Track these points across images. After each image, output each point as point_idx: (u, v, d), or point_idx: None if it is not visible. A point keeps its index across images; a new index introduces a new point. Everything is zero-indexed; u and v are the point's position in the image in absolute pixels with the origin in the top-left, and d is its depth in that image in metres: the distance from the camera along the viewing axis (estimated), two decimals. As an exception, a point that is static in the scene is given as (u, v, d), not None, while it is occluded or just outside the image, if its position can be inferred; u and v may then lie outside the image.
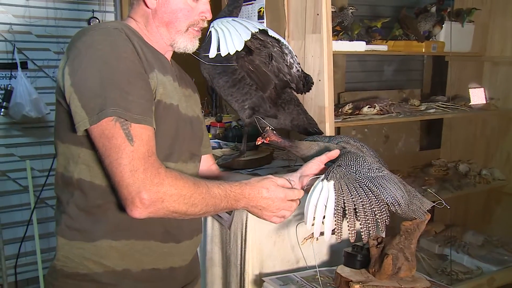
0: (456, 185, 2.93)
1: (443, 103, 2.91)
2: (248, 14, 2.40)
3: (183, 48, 1.29)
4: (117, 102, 1.04)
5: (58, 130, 1.20)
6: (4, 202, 2.81)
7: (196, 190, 1.10)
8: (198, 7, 1.26)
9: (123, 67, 1.08)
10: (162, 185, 1.04)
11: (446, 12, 2.96)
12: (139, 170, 1.03)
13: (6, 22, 2.69)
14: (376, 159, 1.39)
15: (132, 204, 1.03)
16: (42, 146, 2.91)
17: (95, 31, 1.13)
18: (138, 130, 1.05)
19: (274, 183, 1.23)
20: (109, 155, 1.04)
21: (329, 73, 2.03)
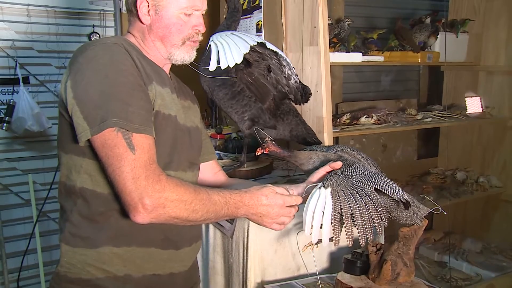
0: (453, 193, 2.96)
1: (439, 112, 2.95)
2: (246, 27, 2.44)
3: (180, 60, 1.34)
4: (118, 113, 1.08)
5: (61, 141, 1.24)
6: (6, 216, 2.83)
7: (196, 196, 1.14)
8: (191, 21, 1.31)
9: (123, 80, 1.13)
10: (163, 191, 1.08)
11: (441, 23, 3.01)
12: (141, 177, 1.07)
13: (9, 39, 2.74)
14: (373, 167, 1.43)
15: (135, 210, 1.07)
16: (44, 160, 2.94)
17: (95, 46, 1.17)
18: (139, 139, 1.09)
19: (273, 191, 1.27)
20: (111, 164, 1.08)
21: (326, 84, 2.07)
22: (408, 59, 2.83)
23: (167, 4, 1.27)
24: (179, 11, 1.28)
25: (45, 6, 2.81)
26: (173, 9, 1.27)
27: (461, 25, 3.03)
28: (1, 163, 2.81)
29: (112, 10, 2.99)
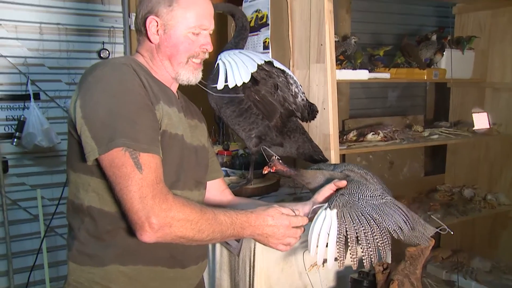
0: (461, 210, 2.95)
1: (446, 129, 2.95)
2: (253, 44, 2.47)
3: (186, 80, 1.35)
4: (125, 132, 1.09)
5: (69, 159, 1.26)
6: (14, 231, 2.84)
7: (202, 216, 1.14)
8: (199, 40, 1.33)
9: (131, 99, 1.14)
10: (170, 210, 1.09)
11: (447, 40, 3.02)
12: (148, 197, 1.07)
13: (22, 56, 2.78)
14: (380, 185, 1.43)
15: (141, 229, 1.08)
16: (53, 175, 2.96)
17: (105, 66, 1.20)
18: (146, 159, 1.10)
19: (279, 212, 1.27)
20: (119, 183, 1.09)
21: (333, 102, 2.08)
22: (415, 76, 2.84)
23: (175, 23, 1.29)
24: (187, 31, 1.30)
25: (57, 24, 2.86)
26: (181, 28, 1.30)
27: (467, 42, 3.04)
28: (10, 178, 2.83)
29: (121, 27, 3.04)
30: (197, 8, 1.31)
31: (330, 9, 2.08)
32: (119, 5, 3.04)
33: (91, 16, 2.97)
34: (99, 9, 2.99)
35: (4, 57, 2.73)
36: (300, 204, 1.42)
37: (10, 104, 2.80)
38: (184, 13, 1.29)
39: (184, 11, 1.29)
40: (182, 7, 1.29)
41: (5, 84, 2.78)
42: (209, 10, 1.35)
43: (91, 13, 2.96)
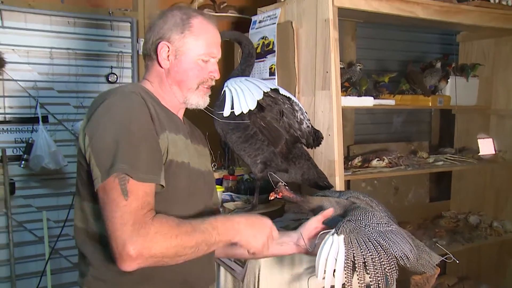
0: (467, 237, 2.92)
1: (451, 155, 2.96)
2: (260, 71, 2.50)
3: (195, 105, 1.39)
4: (124, 159, 1.11)
5: (79, 188, 1.28)
6: (19, 253, 2.85)
7: (180, 230, 1.14)
8: (208, 67, 1.37)
9: (135, 128, 1.17)
10: (147, 235, 1.09)
11: (451, 67, 3.06)
12: (128, 223, 1.08)
13: (32, 80, 2.84)
14: (385, 213, 1.44)
15: (120, 258, 1.08)
16: (59, 197, 2.97)
17: (114, 95, 1.23)
18: (135, 186, 1.11)
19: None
20: (105, 209, 1.11)
21: (338, 128, 2.10)
22: (419, 103, 2.87)
23: (186, 50, 1.33)
24: (197, 57, 1.34)
25: (67, 49, 2.92)
26: (192, 55, 1.34)
27: (471, 69, 3.06)
28: (17, 200, 2.85)
29: (129, 52, 3.09)
30: (208, 36, 1.36)
31: (335, 37, 2.12)
32: (128, 30, 3.10)
33: (100, 41, 3.02)
34: (108, 34, 3.05)
35: (15, 81, 2.79)
36: (285, 234, 1.47)
37: (19, 126, 2.84)
38: (196, 41, 1.34)
39: (196, 38, 1.34)
40: (194, 35, 1.33)
41: (15, 107, 2.83)
42: (217, 38, 1.40)
43: (100, 38, 3.02)
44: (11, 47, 2.77)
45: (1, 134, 2.80)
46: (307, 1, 2.23)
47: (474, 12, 2.62)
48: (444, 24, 2.71)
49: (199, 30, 1.34)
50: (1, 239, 2.80)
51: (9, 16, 2.75)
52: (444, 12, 2.48)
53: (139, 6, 3.09)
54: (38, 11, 2.81)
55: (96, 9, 3.01)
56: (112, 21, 3.04)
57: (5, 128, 2.81)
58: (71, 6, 2.93)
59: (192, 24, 1.34)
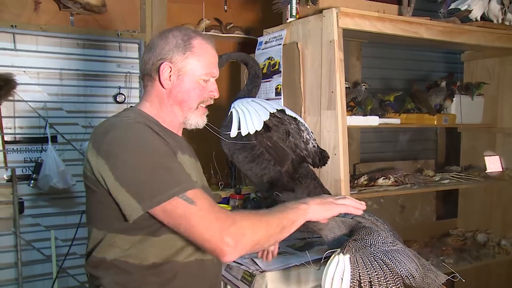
0: (474, 255, 2.91)
1: (457, 173, 2.96)
2: (266, 91, 2.53)
3: (194, 124, 1.42)
4: (166, 183, 1.16)
5: (93, 218, 1.31)
6: (27, 271, 2.87)
7: (260, 214, 1.22)
8: (208, 87, 1.41)
9: (157, 152, 1.21)
10: (235, 222, 1.15)
11: (456, 86, 3.07)
12: (213, 221, 1.14)
13: (42, 100, 2.89)
14: (391, 232, 1.45)
15: (222, 253, 1.14)
16: (66, 216, 3.00)
17: (119, 127, 1.25)
18: (193, 193, 1.16)
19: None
20: (181, 224, 1.16)
21: (344, 148, 2.12)
22: (425, 122, 2.88)
23: (189, 70, 1.37)
24: (199, 77, 1.38)
25: (76, 70, 2.98)
26: (194, 75, 1.37)
27: (476, 88, 3.08)
28: (25, 219, 2.88)
29: (137, 73, 3.14)
30: (208, 57, 1.40)
31: (340, 58, 2.15)
32: (136, 51, 3.16)
33: (108, 62, 3.08)
34: (117, 55, 3.11)
35: (25, 101, 2.84)
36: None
37: (28, 146, 2.89)
38: (197, 61, 1.37)
39: (197, 59, 1.37)
40: (196, 55, 1.37)
41: (24, 127, 2.88)
42: (216, 58, 1.44)
43: (108, 59, 3.08)
44: (22, 69, 2.83)
45: (11, 154, 2.84)
46: (312, 23, 2.27)
47: (478, 32, 2.65)
48: (448, 44, 2.74)
49: (200, 51, 1.38)
50: (9, 258, 2.82)
51: (22, 40, 2.82)
52: (448, 32, 2.52)
53: (146, 28, 3.16)
54: (49, 34, 2.88)
55: (105, 31, 3.07)
56: (120, 42, 3.10)
57: (15, 148, 2.85)
58: (81, 28, 3.00)
59: (193, 45, 1.37)
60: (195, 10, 3.35)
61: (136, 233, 1.23)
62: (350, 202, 1.38)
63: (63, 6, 2.90)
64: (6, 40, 2.79)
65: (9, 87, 2.67)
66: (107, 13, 3.06)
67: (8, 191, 2.78)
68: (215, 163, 2.76)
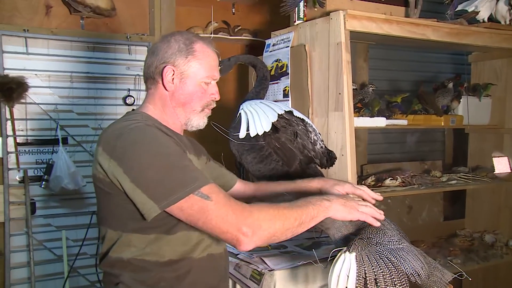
0: (482, 256, 2.91)
1: (464, 174, 2.97)
2: (274, 93, 2.55)
3: (195, 126, 1.46)
4: (181, 181, 1.19)
5: (107, 219, 1.33)
6: (39, 271, 2.91)
7: (279, 207, 1.25)
8: (209, 89, 1.44)
9: (170, 150, 1.25)
10: (252, 214, 1.19)
11: (463, 87, 3.07)
12: (229, 214, 1.18)
13: (53, 103, 2.94)
14: (397, 231, 1.47)
15: (239, 242, 1.18)
16: (77, 217, 3.04)
17: (131, 130, 1.27)
18: (208, 188, 1.20)
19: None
20: (198, 219, 1.19)
21: (351, 149, 2.14)
22: (432, 123, 2.89)
23: (191, 73, 1.40)
24: (200, 80, 1.42)
25: (86, 73, 3.02)
26: (196, 78, 1.41)
27: (483, 89, 3.08)
28: (37, 220, 2.93)
29: (147, 75, 3.17)
30: (209, 60, 1.43)
31: (347, 60, 2.17)
32: (145, 54, 3.15)
33: (118, 65, 3.12)
34: (126, 58, 3.15)
35: (37, 104, 2.89)
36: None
37: (40, 148, 2.94)
38: (199, 65, 1.41)
39: (199, 62, 1.41)
40: (198, 59, 1.41)
41: (36, 129, 2.92)
42: (217, 61, 1.47)
43: (118, 62, 3.12)
44: (34, 72, 2.88)
45: (23, 155, 2.89)
46: (320, 25, 2.30)
47: (485, 33, 2.65)
48: (455, 46, 2.75)
49: (201, 54, 1.41)
50: (22, 257, 2.87)
51: (34, 43, 2.88)
52: (455, 34, 2.53)
53: (155, 31, 3.20)
54: (60, 37, 2.93)
55: (115, 34, 3.12)
56: (129, 45, 3.14)
57: (27, 149, 2.90)
58: (91, 32, 3.05)
59: (195, 49, 1.41)
60: (203, 13, 3.39)
61: (151, 231, 1.27)
62: (371, 211, 1.40)
63: (73, 10, 2.95)
64: (18, 44, 2.84)
65: (21, 90, 2.72)
66: (116, 16, 3.10)
67: (21, 192, 2.84)
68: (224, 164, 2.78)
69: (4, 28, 2.79)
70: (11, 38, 2.82)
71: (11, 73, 2.76)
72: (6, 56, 2.80)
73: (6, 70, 2.78)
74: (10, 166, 2.83)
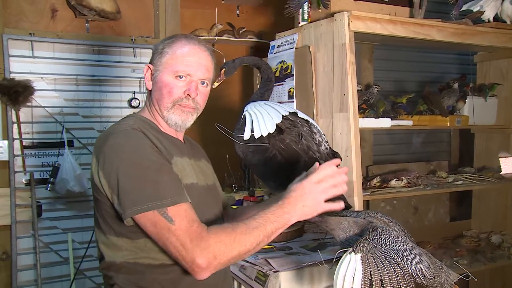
0: (489, 256, 2.90)
1: (470, 174, 2.96)
2: (278, 94, 2.56)
3: (173, 125, 1.42)
4: (150, 196, 1.19)
5: (99, 223, 1.34)
6: (46, 273, 2.92)
7: (236, 232, 1.21)
8: (184, 86, 1.39)
9: (148, 163, 1.23)
10: (209, 246, 1.17)
11: (469, 87, 3.07)
12: (187, 242, 1.17)
13: (58, 106, 2.95)
14: (402, 232, 1.46)
15: (193, 271, 1.18)
16: (83, 219, 3.05)
17: (117, 134, 1.28)
18: (174, 210, 1.19)
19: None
20: (159, 238, 1.20)
21: (356, 150, 2.14)
22: (437, 123, 2.88)
23: (162, 68, 1.39)
24: (171, 75, 1.38)
25: (91, 76, 3.03)
26: (166, 72, 1.38)
27: (489, 89, 3.07)
28: (44, 222, 2.94)
29: (152, 78, 3.18)
30: (183, 53, 1.39)
31: (352, 61, 2.17)
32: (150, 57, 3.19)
33: (123, 67, 3.13)
34: (131, 60, 3.15)
35: (43, 107, 2.90)
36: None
37: (46, 151, 2.95)
38: (170, 59, 1.38)
39: (171, 57, 1.38)
40: (169, 54, 1.39)
41: (42, 132, 2.94)
42: (197, 58, 1.41)
43: (123, 64, 3.12)
44: (40, 76, 2.89)
45: (29, 158, 2.90)
46: (324, 26, 2.30)
47: (490, 33, 2.65)
48: (460, 46, 2.74)
49: (173, 48, 1.39)
50: (29, 260, 2.88)
51: (39, 47, 2.89)
52: (460, 34, 2.52)
53: (160, 33, 3.20)
54: (66, 40, 2.94)
55: (120, 37, 3.13)
56: (134, 48, 3.15)
57: (33, 152, 2.91)
58: (96, 35, 3.06)
59: (171, 45, 1.39)
60: (208, 15, 3.40)
61: (139, 236, 1.26)
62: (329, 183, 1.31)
63: (78, 14, 2.96)
64: (24, 48, 2.85)
65: (27, 93, 2.73)
66: (121, 19, 3.12)
67: (27, 194, 2.85)
68: (229, 166, 2.79)
69: (10, 32, 2.81)
70: (17, 42, 2.84)
71: (17, 77, 2.78)
72: (13, 60, 2.81)
73: (13, 74, 2.80)
74: (16, 169, 2.85)
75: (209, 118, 1.79)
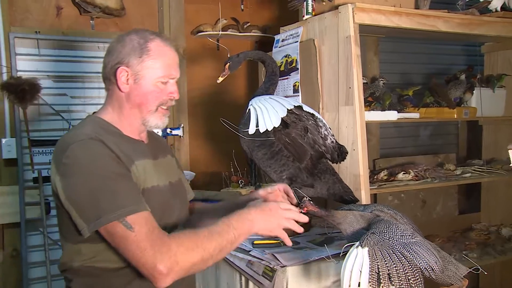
0: (499, 249, 2.86)
1: (479, 167, 2.93)
2: (284, 88, 2.55)
3: (154, 126, 1.42)
4: (109, 207, 1.19)
5: (60, 229, 1.35)
6: (55, 270, 2.93)
7: (198, 237, 1.22)
8: (167, 88, 1.39)
9: (106, 174, 1.23)
10: (170, 250, 1.17)
11: (476, 78, 3.03)
12: (147, 248, 1.16)
13: (65, 103, 2.97)
14: (410, 225, 1.45)
15: (154, 278, 1.17)
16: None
17: (75, 145, 1.25)
18: (134, 218, 1.19)
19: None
20: (119, 247, 1.20)
21: (362, 143, 2.12)
22: (444, 115, 2.85)
23: (145, 74, 1.36)
24: (156, 80, 1.37)
25: (97, 73, 3.03)
26: (151, 78, 1.36)
27: (497, 80, 3.04)
28: (52, 219, 2.95)
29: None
30: (166, 59, 1.38)
31: (357, 54, 2.16)
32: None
33: (129, 64, 3.13)
34: (137, 57, 3.15)
35: (49, 105, 2.91)
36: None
37: (53, 148, 2.94)
38: (154, 64, 1.36)
39: (154, 62, 1.36)
40: (152, 58, 1.36)
41: (49, 130, 2.95)
42: (175, 60, 1.42)
43: (129, 61, 3.13)
44: (46, 74, 2.91)
45: (37, 156, 2.91)
46: (329, 19, 2.28)
47: (498, 23, 2.61)
48: (467, 36, 2.71)
49: (156, 53, 1.36)
50: (38, 256, 2.91)
51: (45, 45, 2.90)
52: (467, 24, 2.49)
53: (165, 29, 3.20)
54: (71, 38, 2.95)
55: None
56: (140, 44, 3.14)
57: (40, 150, 2.93)
58: (101, 32, 3.07)
59: (149, 48, 1.36)
60: (212, 10, 3.39)
61: (100, 241, 1.26)
62: (293, 215, 1.39)
63: (83, 11, 2.97)
64: (30, 46, 2.87)
65: (34, 91, 2.74)
66: (126, 16, 3.11)
67: (35, 192, 2.87)
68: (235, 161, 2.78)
69: (16, 30, 2.82)
70: (23, 40, 2.85)
71: (23, 75, 2.78)
72: (19, 58, 2.83)
73: (19, 72, 2.81)
74: (24, 167, 2.86)
75: (214, 113, 1.79)
